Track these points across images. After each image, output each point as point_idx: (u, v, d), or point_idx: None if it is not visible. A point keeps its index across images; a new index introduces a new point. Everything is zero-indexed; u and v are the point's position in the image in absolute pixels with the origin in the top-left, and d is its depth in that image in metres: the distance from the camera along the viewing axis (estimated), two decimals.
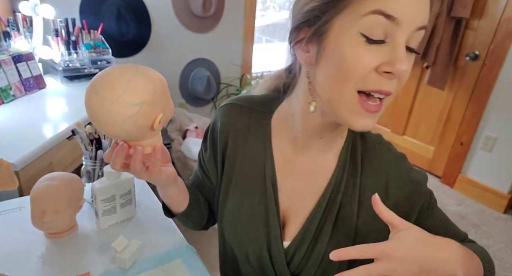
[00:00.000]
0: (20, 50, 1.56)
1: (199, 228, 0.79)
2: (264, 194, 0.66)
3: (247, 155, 0.68)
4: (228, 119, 0.70)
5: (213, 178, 0.73)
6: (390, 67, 0.46)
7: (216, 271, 0.83)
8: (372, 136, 0.65)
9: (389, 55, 0.46)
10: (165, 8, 2.17)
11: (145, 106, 0.48)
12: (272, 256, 0.66)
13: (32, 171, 1.05)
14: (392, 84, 0.48)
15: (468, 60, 2.30)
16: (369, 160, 0.63)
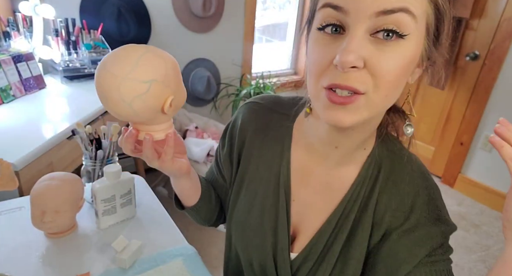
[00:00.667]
0: (20, 50, 1.56)
1: (207, 224, 0.78)
2: (276, 201, 0.63)
3: (263, 157, 0.65)
4: (249, 118, 0.67)
5: (227, 177, 0.71)
6: (335, 59, 0.43)
7: (217, 271, 0.83)
8: (408, 156, 0.60)
9: (340, 47, 0.43)
10: (165, 8, 2.17)
11: (155, 85, 0.46)
12: (277, 267, 0.63)
13: (32, 171, 1.05)
14: (349, 78, 0.44)
15: (468, 60, 2.30)
16: (394, 180, 0.58)
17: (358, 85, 0.44)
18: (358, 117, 0.47)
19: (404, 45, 0.43)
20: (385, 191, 0.59)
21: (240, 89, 2.58)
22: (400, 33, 0.42)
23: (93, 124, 1.36)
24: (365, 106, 0.46)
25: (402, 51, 0.44)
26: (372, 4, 0.41)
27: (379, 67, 0.43)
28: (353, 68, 0.43)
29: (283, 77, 2.87)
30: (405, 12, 0.42)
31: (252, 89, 2.50)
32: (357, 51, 0.42)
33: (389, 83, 0.45)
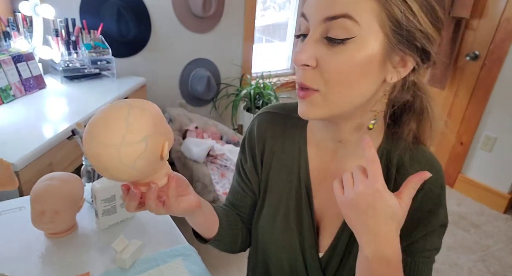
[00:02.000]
0: (20, 50, 1.56)
1: (236, 250, 0.77)
2: (299, 201, 0.65)
3: (282, 161, 0.68)
4: (265, 127, 0.69)
5: (256, 188, 0.72)
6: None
7: (217, 271, 0.83)
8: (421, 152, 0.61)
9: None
10: (165, 8, 2.17)
11: (151, 139, 0.47)
12: (307, 265, 0.65)
13: (32, 171, 1.05)
14: (303, 76, 0.51)
15: (468, 60, 2.30)
16: (403, 173, 0.60)
17: (310, 82, 0.51)
18: (319, 112, 0.53)
19: (351, 47, 0.48)
20: (396, 183, 0.60)
21: (240, 89, 2.58)
22: (341, 39, 0.47)
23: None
24: (323, 102, 0.52)
25: (349, 53, 0.48)
26: (319, 11, 0.48)
27: (327, 66, 0.49)
28: (306, 66, 0.50)
29: (283, 77, 2.87)
30: (347, 17, 0.47)
31: (252, 89, 2.50)
32: (309, 52, 0.49)
33: (339, 82, 0.50)
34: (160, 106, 2.01)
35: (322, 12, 0.48)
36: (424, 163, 0.60)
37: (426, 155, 0.61)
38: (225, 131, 2.28)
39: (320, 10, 0.48)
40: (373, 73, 0.50)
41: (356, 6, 0.46)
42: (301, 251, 0.65)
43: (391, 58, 0.50)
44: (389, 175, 0.60)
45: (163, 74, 2.31)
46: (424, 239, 0.60)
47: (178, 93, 2.43)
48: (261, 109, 0.73)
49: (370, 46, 0.48)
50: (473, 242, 2.07)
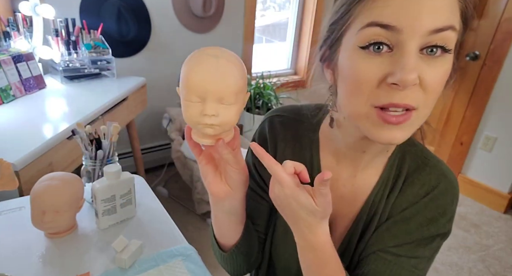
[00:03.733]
0: (20, 50, 1.56)
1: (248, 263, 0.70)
2: None
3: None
4: (276, 131, 0.67)
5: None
6: (393, 78, 0.44)
7: (217, 271, 0.83)
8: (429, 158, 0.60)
9: (396, 65, 0.44)
10: (165, 8, 2.17)
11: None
12: None
13: (32, 171, 1.05)
14: (406, 96, 0.44)
15: (468, 60, 2.30)
16: (411, 181, 0.59)
17: (413, 102, 0.45)
18: (410, 133, 0.48)
19: (448, 59, 0.46)
20: (402, 192, 0.60)
21: None
22: (447, 49, 0.45)
23: (93, 124, 1.36)
24: (416, 121, 0.47)
25: (446, 65, 0.46)
26: (426, 23, 0.43)
27: (430, 82, 0.45)
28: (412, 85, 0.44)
29: (283, 77, 2.87)
30: (452, 29, 0.44)
31: (252, 89, 2.50)
32: (416, 69, 0.43)
33: (435, 97, 0.47)
34: (160, 106, 2.03)
35: (427, 24, 0.43)
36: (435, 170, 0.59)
37: (440, 165, 0.60)
38: None
39: (424, 21, 0.42)
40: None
41: (455, 16, 0.45)
42: None
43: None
44: (400, 177, 0.60)
45: (163, 74, 2.30)
46: (416, 245, 0.58)
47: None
48: (270, 111, 0.71)
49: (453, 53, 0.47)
50: (473, 242, 2.07)
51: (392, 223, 0.59)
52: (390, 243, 0.58)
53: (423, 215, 0.58)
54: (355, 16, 0.47)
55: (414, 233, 0.58)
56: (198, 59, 0.47)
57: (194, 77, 0.46)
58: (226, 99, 0.47)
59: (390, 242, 0.58)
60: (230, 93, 0.47)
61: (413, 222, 0.58)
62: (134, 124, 2.01)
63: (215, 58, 0.46)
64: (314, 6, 2.83)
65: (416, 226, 0.58)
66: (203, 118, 0.47)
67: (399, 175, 0.60)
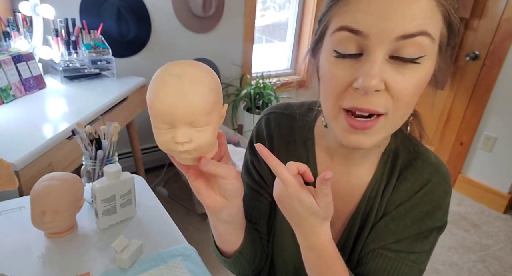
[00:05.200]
0: (20, 50, 1.56)
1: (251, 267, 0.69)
2: None
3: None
4: (272, 127, 0.68)
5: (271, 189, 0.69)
6: (356, 83, 0.44)
7: (217, 271, 0.83)
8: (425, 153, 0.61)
9: (360, 71, 0.44)
10: (165, 8, 2.17)
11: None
12: None
13: (32, 171, 1.05)
14: (370, 101, 0.45)
15: (468, 60, 2.30)
16: (405, 177, 0.59)
17: (378, 108, 0.45)
18: (377, 139, 0.49)
19: (421, 66, 0.45)
20: (396, 188, 0.60)
21: (240, 89, 2.58)
22: (418, 58, 0.43)
23: (93, 124, 1.36)
24: (384, 127, 0.48)
25: (419, 72, 0.45)
26: (393, 29, 0.42)
27: (399, 89, 0.44)
28: (375, 91, 0.44)
29: (283, 77, 2.87)
30: (425, 35, 0.43)
31: (252, 89, 2.50)
32: (379, 75, 0.43)
33: (407, 104, 0.46)
34: None
35: (394, 30, 0.42)
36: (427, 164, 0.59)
37: (431, 158, 0.60)
38: (225, 131, 2.28)
39: (392, 27, 0.42)
40: (421, 92, 0.48)
41: (431, 21, 0.43)
42: None
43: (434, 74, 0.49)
44: (393, 173, 0.60)
45: None
46: (414, 239, 0.58)
47: None
48: (267, 109, 0.71)
49: (433, 64, 0.46)
50: (473, 242, 2.07)
51: (390, 219, 0.59)
52: (389, 239, 0.58)
53: (418, 209, 0.58)
54: (331, 17, 0.47)
55: (411, 228, 0.58)
56: (160, 82, 0.42)
57: (158, 103, 0.41)
58: (197, 123, 0.43)
59: (389, 238, 0.58)
60: (200, 116, 0.42)
61: (410, 217, 0.58)
62: (134, 124, 2.01)
63: (178, 79, 0.41)
64: (314, 6, 2.83)
65: (413, 220, 0.58)
66: (176, 146, 0.43)
67: (393, 170, 0.60)
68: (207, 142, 0.45)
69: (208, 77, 0.43)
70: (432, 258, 2.05)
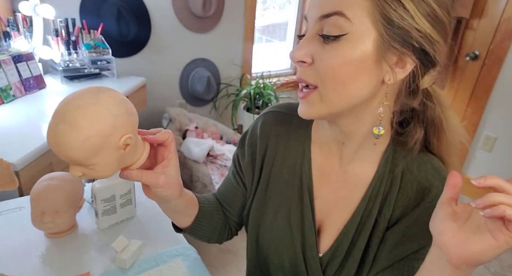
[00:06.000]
0: (20, 50, 1.56)
1: (208, 242, 0.77)
2: (301, 201, 0.65)
3: (286, 160, 0.67)
4: (269, 126, 0.69)
5: (248, 185, 0.72)
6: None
7: (217, 271, 0.83)
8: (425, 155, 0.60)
9: None
10: (165, 8, 2.17)
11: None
12: (307, 264, 0.65)
13: (32, 171, 1.05)
14: (302, 73, 0.53)
15: (468, 60, 2.30)
16: (409, 179, 0.59)
17: (308, 78, 0.52)
18: (317, 111, 0.54)
19: (343, 44, 0.48)
20: (401, 188, 0.60)
21: (240, 89, 2.58)
22: (334, 35, 0.48)
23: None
24: (319, 100, 0.53)
25: (341, 50, 0.49)
26: (315, 11, 0.50)
27: (321, 63, 0.50)
28: (302, 63, 0.52)
29: (283, 77, 2.87)
30: (339, 15, 0.48)
31: (252, 89, 2.50)
32: (304, 49, 0.51)
33: (332, 78, 0.50)
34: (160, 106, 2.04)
35: (317, 11, 0.50)
36: (430, 168, 0.59)
37: (434, 161, 0.60)
38: (225, 131, 2.28)
39: (316, 9, 0.50)
40: (367, 71, 0.50)
41: (348, 4, 0.47)
42: (301, 250, 0.65)
43: (387, 57, 0.49)
44: (393, 182, 0.60)
45: (163, 74, 2.30)
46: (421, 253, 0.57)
47: (178, 93, 2.43)
48: (267, 108, 0.73)
49: (363, 43, 0.48)
50: None
51: (405, 228, 0.59)
52: (412, 248, 0.58)
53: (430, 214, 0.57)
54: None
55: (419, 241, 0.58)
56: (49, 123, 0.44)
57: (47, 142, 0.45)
58: (82, 165, 0.45)
59: (411, 246, 0.58)
60: (79, 161, 0.44)
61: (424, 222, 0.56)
62: None
63: (55, 126, 0.43)
64: None
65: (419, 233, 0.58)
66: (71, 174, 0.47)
67: (395, 169, 0.60)
68: (102, 176, 0.47)
69: (86, 124, 0.42)
70: None
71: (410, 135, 0.58)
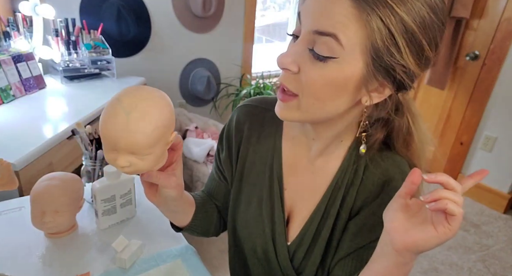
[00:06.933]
0: (20, 50, 1.56)
1: (206, 236, 0.80)
2: (271, 191, 0.68)
3: (258, 152, 0.70)
4: (243, 119, 0.72)
5: (229, 178, 0.75)
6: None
7: (217, 271, 0.83)
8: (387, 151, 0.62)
9: None
10: (165, 8, 2.17)
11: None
12: (276, 251, 0.68)
13: (32, 171, 1.05)
14: (285, 78, 0.52)
15: (468, 60, 2.30)
16: (371, 173, 0.61)
17: (290, 86, 0.52)
18: (291, 115, 0.55)
19: (331, 66, 0.48)
20: (363, 181, 0.62)
21: (240, 89, 2.58)
22: (324, 56, 0.47)
23: (93, 124, 1.36)
24: (296, 108, 0.53)
25: (328, 71, 0.48)
26: (311, 21, 0.48)
27: (306, 76, 0.50)
28: (287, 70, 0.51)
29: None
30: (333, 38, 0.46)
31: (252, 89, 2.50)
32: (292, 57, 0.50)
33: (314, 94, 0.51)
34: None
35: (313, 23, 0.48)
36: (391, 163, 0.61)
37: (395, 157, 0.62)
38: None
39: (312, 20, 0.48)
40: (347, 93, 0.51)
41: (345, 29, 0.46)
42: (272, 238, 0.68)
43: (368, 84, 0.50)
44: (355, 175, 0.62)
45: (163, 74, 2.30)
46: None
47: (178, 93, 2.43)
48: (241, 102, 0.76)
49: (348, 70, 0.48)
50: (473, 242, 2.07)
51: (364, 218, 0.61)
52: (372, 237, 0.60)
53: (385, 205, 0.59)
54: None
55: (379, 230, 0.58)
56: (111, 112, 0.45)
57: (105, 132, 0.46)
58: (139, 153, 0.47)
59: (371, 236, 0.60)
60: (142, 149, 0.46)
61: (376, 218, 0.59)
62: None
63: (126, 114, 0.44)
64: None
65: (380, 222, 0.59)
66: (117, 164, 0.48)
67: (358, 163, 0.62)
68: (146, 168, 0.50)
69: (157, 114, 0.46)
70: (431, 257, 2.05)
71: (371, 135, 0.60)
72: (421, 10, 0.45)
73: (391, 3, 0.44)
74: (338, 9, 0.45)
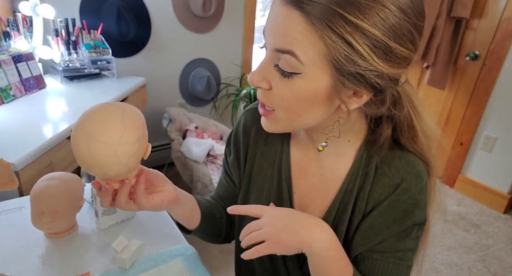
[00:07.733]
0: (20, 50, 1.56)
1: (219, 241, 0.82)
2: (280, 194, 0.68)
3: (266, 155, 0.70)
4: (251, 122, 0.72)
5: (237, 181, 0.75)
6: None
7: (217, 271, 0.83)
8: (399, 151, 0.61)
9: None
10: (165, 8, 2.17)
11: (142, 140, 0.53)
12: (286, 258, 0.67)
13: (32, 171, 1.05)
14: (262, 95, 0.54)
15: (468, 60, 2.30)
16: (382, 172, 0.60)
17: (266, 102, 0.54)
18: (274, 128, 0.57)
19: (297, 81, 0.49)
20: (374, 183, 0.60)
21: (240, 89, 2.58)
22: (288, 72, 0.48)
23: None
24: (277, 121, 0.55)
25: (295, 86, 0.49)
26: (272, 39, 0.49)
27: (277, 92, 0.51)
28: (260, 87, 0.53)
29: None
30: (291, 55, 0.47)
31: (252, 89, 2.50)
32: (261, 74, 0.51)
33: (287, 108, 0.52)
34: (160, 106, 2.04)
35: (273, 41, 0.49)
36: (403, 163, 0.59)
37: (408, 157, 0.60)
38: (225, 131, 2.28)
39: (272, 38, 0.49)
40: (321, 105, 0.51)
41: (301, 45, 0.45)
42: None
43: (342, 93, 0.49)
44: (367, 177, 0.61)
45: (163, 74, 2.31)
46: (397, 238, 0.59)
47: (178, 93, 2.43)
48: (249, 105, 0.75)
49: (315, 84, 0.48)
50: (473, 242, 2.07)
51: (372, 220, 0.60)
52: (374, 241, 0.59)
53: (398, 208, 0.59)
54: None
55: (393, 227, 0.59)
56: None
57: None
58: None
59: (374, 239, 0.59)
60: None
61: (390, 216, 0.59)
62: None
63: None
64: None
65: (393, 219, 0.59)
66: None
67: (369, 165, 0.61)
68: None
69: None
70: (431, 257, 2.05)
71: (379, 134, 0.59)
72: (382, 12, 0.43)
73: (342, 12, 0.42)
74: (292, 26, 0.45)
